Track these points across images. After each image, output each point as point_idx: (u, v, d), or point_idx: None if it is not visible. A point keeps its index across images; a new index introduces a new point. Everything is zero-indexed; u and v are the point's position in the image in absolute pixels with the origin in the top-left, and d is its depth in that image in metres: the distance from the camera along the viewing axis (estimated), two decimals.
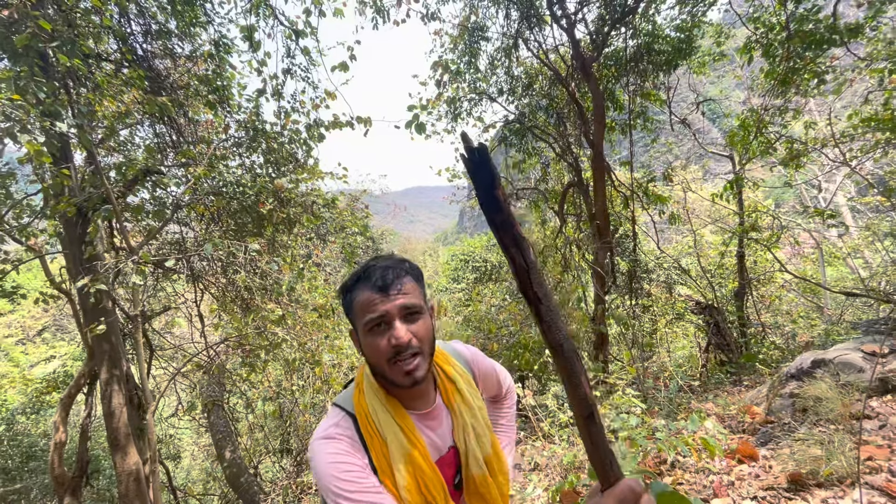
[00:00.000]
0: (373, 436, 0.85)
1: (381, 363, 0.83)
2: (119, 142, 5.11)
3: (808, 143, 5.98)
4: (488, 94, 6.85)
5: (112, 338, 4.35)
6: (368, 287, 0.84)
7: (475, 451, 0.91)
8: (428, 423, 0.91)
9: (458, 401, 0.94)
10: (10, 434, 7.33)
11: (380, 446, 0.85)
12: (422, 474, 0.84)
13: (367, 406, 0.88)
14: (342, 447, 0.82)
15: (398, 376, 0.83)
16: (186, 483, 9.33)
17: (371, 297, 0.83)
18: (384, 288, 0.83)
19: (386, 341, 0.82)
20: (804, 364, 3.14)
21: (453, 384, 0.96)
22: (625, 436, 2.14)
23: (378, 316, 0.82)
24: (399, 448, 0.84)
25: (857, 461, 1.60)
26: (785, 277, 7.65)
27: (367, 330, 0.83)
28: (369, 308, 0.83)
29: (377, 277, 0.84)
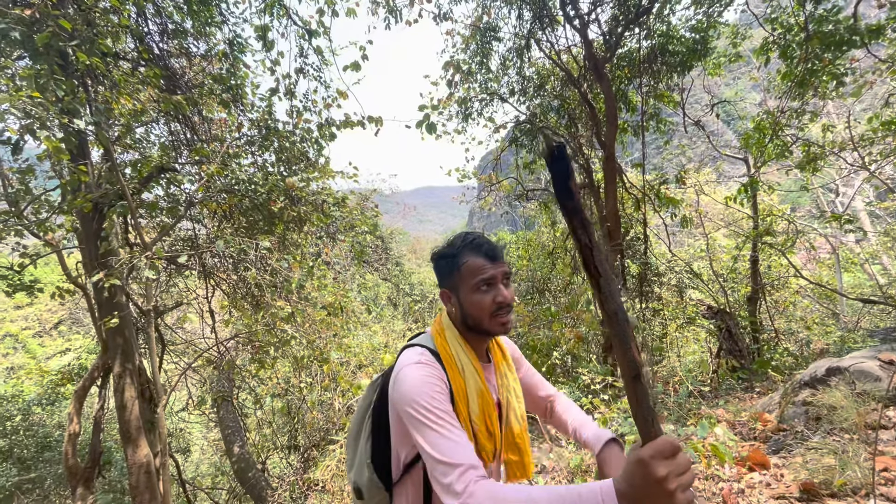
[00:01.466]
0: (454, 370, 1.01)
1: (483, 315, 1.02)
2: (135, 139, 5.19)
3: (825, 147, 5.86)
4: (499, 94, 6.83)
5: (125, 332, 4.42)
6: (480, 254, 1.03)
7: (515, 407, 1.08)
8: (487, 375, 1.09)
9: (503, 365, 1.13)
10: (25, 424, 7.49)
11: (459, 380, 1.01)
12: (487, 408, 1.01)
13: (450, 348, 1.04)
14: (434, 372, 0.97)
15: (496, 327, 1.02)
16: (196, 476, 9.45)
17: (483, 263, 1.02)
18: (493, 257, 1.03)
19: (491, 299, 1.01)
20: (818, 372, 3.08)
21: (502, 351, 1.16)
22: (632, 439, 2.12)
23: (489, 277, 1.01)
24: (475, 384, 1.01)
25: (872, 472, 1.56)
26: (800, 283, 7.51)
27: (476, 288, 1.02)
28: (481, 270, 1.02)
29: (488, 248, 1.04)
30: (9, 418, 7.36)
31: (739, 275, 7.59)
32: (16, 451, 7.18)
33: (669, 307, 7.09)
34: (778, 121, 6.00)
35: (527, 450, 1.09)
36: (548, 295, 8.15)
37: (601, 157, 6.34)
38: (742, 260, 7.38)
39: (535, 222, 9.86)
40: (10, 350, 16.77)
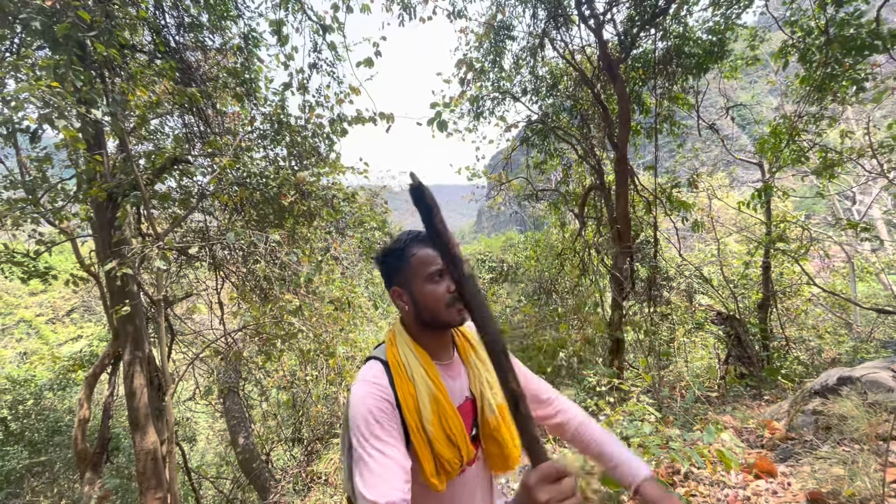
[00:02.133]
0: (402, 378, 0.98)
1: (438, 306, 0.98)
2: (149, 130, 5.26)
3: (843, 153, 5.76)
4: (512, 93, 6.80)
5: (136, 320, 4.48)
6: (428, 246, 0.99)
7: (490, 399, 1.02)
8: (448, 374, 1.04)
9: (474, 356, 1.07)
10: (37, 408, 7.63)
11: (407, 387, 0.97)
12: (444, 412, 0.96)
13: (399, 354, 1.01)
14: (372, 391, 0.94)
15: (453, 316, 0.97)
16: (201, 465, 9.57)
17: (430, 253, 0.99)
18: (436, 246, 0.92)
19: (445, 289, 0.97)
20: (829, 381, 3.03)
21: (469, 342, 1.09)
22: (637, 443, 2.11)
23: (440, 267, 0.98)
24: (426, 389, 0.96)
25: (882, 483, 1.53)
26: (812, 291, 7.39)
27: (430, 279, 0.98)
28: (430, 261, 0.98)
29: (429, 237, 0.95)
30: (21, 402, 7.51)
31: (751, 281, 7.49)
32: (27, 435, 7.33)
33: (678, 312, 7.02)
34: (795, 126, 5.90)
35: (506, 442, 1.02)
36: (555, 296, 8.12)
37: (613, 158, 6.29)
38: (754, 266, 7.28)
39: (544, 223, 9.82)
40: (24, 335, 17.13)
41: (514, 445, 1.03)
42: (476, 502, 1.06)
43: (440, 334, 1.04)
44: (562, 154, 7.47)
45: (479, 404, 1.03)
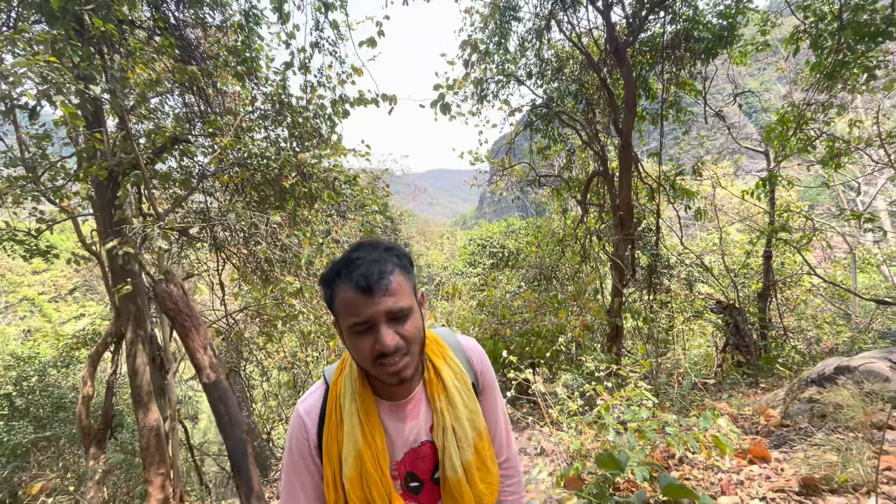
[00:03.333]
0: (332, 418, 0.86)
1: (365, 364, 0.80)
2: (149, 109, 5.20)
3: (851, 142, 5.68)
4: (516, 76, 6.70)
5: (138, 299, 4.51)
6: (351, 286, 0.76)
7: (452, 454, 0.86)
8: (399, 415, 0.88)
9: (442, 399, 0.89)
10: (41, 385, 7.73)
11: (336, 429, 0.85)
12: (366, 474, 0.82)
13: (342, 386, 0.88)
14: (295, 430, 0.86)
15: (385, 377, 0.80)
16: (203, 443, 9.74)
17: (355, 299, 0.76)
18: (368, 289, 0.76)
19: (370, 345, 0.77)
20: (826, 370, 3.05)
21: (441, 381, 0.90)
22: (634, 427, 2.13)
23: (362, 320, 0.76)
24: (352, 443, 0.83)
25: (875, 470, 1.55)
26: (813, 281, 7.39)
27: (350, 331, 0.78)
28: (353, 311, 0.77)
29: (360, 276, 0.76)
30: (26, 378, 7.61)
31: (751, 270, 7.49)
32: (32, 410, 7.44)
33: (678, 300, 7.04)
34: (803, 114, 5.82)
35: (468, 502, 0.87)
36: (555, 283, 8.14)
37: (617, 144, 6.23)
38: (755, 255, 7.27)
39: (546, 209, 9.79)
40: (27, 313, 17.28)
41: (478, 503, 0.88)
42: None
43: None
44: (565, 139, 7.40)
45: (440, 458, 0.87)
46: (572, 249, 7.60)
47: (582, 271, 7.51)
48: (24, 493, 5.74)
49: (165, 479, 4.44)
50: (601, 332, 6.14)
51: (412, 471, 0.89)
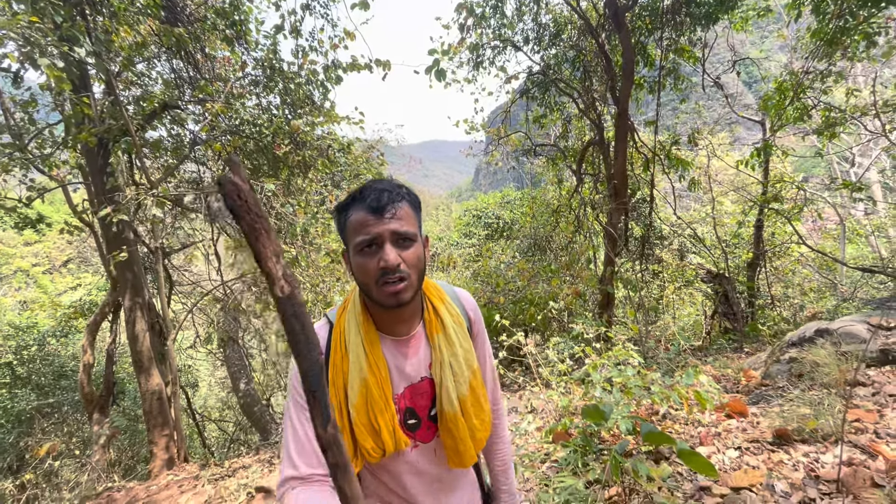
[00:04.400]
0: (338, 352, 0.90)
1: (369, 283, 0.84)
2: (136, 74, 5.07)
3: (847, 112, 5.66)
4: (513, 42, 6.54)
5: (134, 267, 4.53)
6: (363, 208, 0.83)
7: (449, 388, 0.91)
8: (402, 350, 0.93)
9: (441, 337, 0.94)
10: (41, 354, 7.83)
11: (341, 361, 0.89)
12: (372, 400, 0.86)
13: (344, 322, 0.92)
14: None
15: (384, 297, 0.83)
16: (204, 409, 9.97)
17: (365, 218, 0.82)
18: (378, 210, 0.82)
19: (375, 262, 0.82)
20: (807, 332, 3.17)
21: (439, 319, 0.96)
22: (620, 383, 2.23)
23: (370, 238, 0.82)
24: (357, 370, 0.87)
25: (842, 421, 1.65)
26: (802, 251, 7.51)
27: (359, 250, 0.83)
28: (362, 229, 0.82)
29: (372, 198, 0.83)
30: (25, 348, 7.69)
31: (742, 241, 7.58)
32: (34, 378, 7.55)
33: (669, 270, 7.14)
34: (801, 82, 5.77)
35: (463, 437, 0.91)
36: (549, 253, 8.21)
37: (614, 113, 6.17)
38: (747, 226, 7.35)
39: (541, 179, 9.75)
40: (22, 284, 17.25)
41: (473, 441, 0.93)
42: (430, 481, 0.98)
43: (394, 311, 0.90)
44: (562, 108, 7.31)
45: (437, 392, 0.92)
46: (566, 220, 7.64)
47: (575, 241, 7.57)
48: (32, 455, 5.91)
49: (169, 440, 4.59)
50: (593, 300, 6.26)
51: (411, 406, 0.93)
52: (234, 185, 0.55)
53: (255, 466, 4.11)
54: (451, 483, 1.02)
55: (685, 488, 1.85)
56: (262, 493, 3.34)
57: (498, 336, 3.34)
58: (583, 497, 1.64)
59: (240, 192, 0.54)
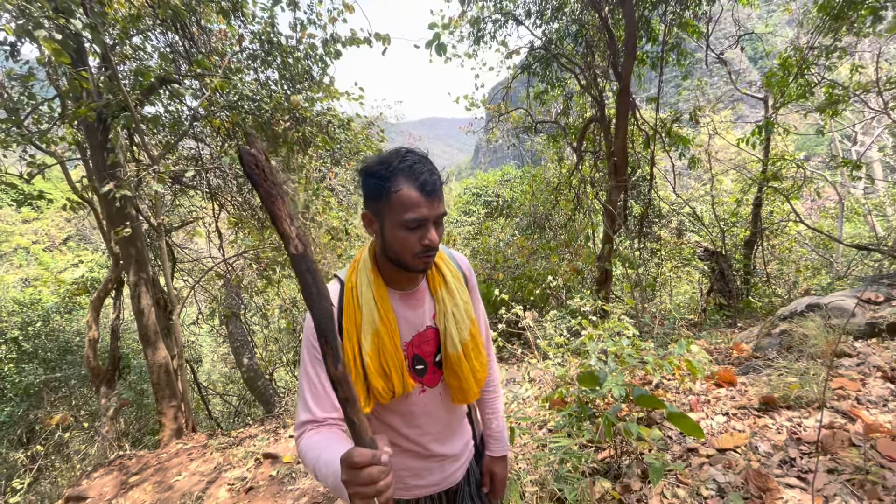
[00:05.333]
0: (351, 305, 0.98)
1: (405, 255, 0.92)
2: (133, 47, 5.00)
3: (850, 89, 5.61)
4: (515, 15, 6.42)
5: (137, 243, 4.57)
6: (416, 187, 0.88)
7: (453, 333, 1.01)
8: (409, 303, 1.03)
9: (442, 289, 1.04)
10: (46, 329, 7.94)
11: (354, 314, 0.98)
12: (383, 347, 0.96)
13: (356, 280, 1.00)
14: None
15: (418, 265, 0.93)
16: (209, 383, 10.17)
17: (418, 199, 0.88)
18: (431, 193, 0.89)
19: (418, 240, 0.90)
20: (798, 307, 3.25)
21: (441, 275, 1.06)
22: (614, 351, 2.31)
23: (421, 218, 0.88)
24: (370, 321, 0.96)
25: (824, 388, 1.74)
26: (799, 229, 7.56)
27: (405, 226, 0.89)
28: (413, 208, 0.88)
29: (425, 180, 0.88)
30: (30, 323, 7.80)
31: (741, 219, 7.62)
32: (40, 354, 7.69)
33: (667, 248, 7.20)
34: (805, 58, 5.69)
35: (465, 376, 1.03)
36: (548, 230, 8.25)
37: (616, 90, 6.11)
38: (745, 204, 7.37)
39: (541, 157, 9.71)
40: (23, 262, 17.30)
41: (474, 380, 1.05)
42: (434, 424, 1.09)
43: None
44: (563, 84, 7.22)
45: (442, 338, 1.03)
46: (566, 198, 7.65)
47: (575, 219, 7.60)
48: (42, 427, 6.08)
49: (177, 411, 4.73)
50: (591, 277, 6.34)
51: (418, 353, 1.03)
52: (252, 155, 0.61)
53: (262, 435, 4.25)
54: (454, 429, 1.15)
55: (674, 450, 1.95)
56: (270, 460, 3.48)
57: (497, 310, 3.42)
58: (576, 456, 1.74)
59: (257, 162, 0.61)
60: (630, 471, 1.83)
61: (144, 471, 4.09)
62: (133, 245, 4.54)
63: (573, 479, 1.69)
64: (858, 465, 1.58)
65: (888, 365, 2.31)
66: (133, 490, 3.74)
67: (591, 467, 1.83)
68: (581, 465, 1.75)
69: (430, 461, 1.11)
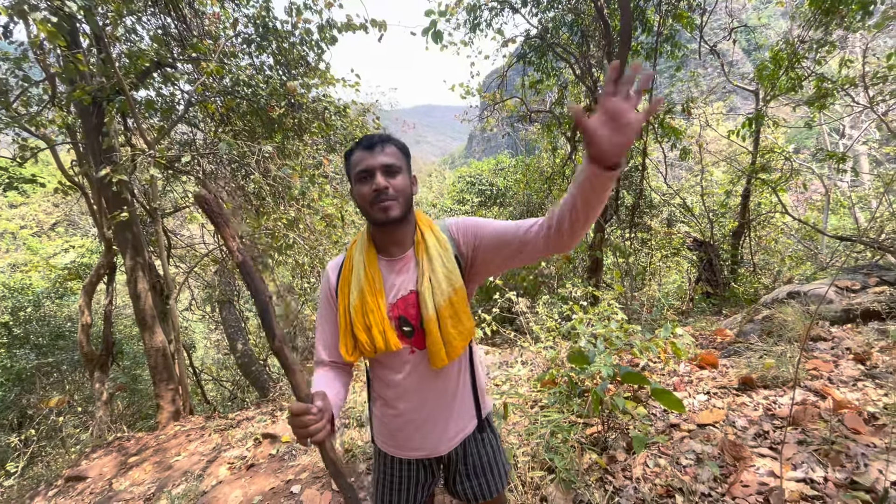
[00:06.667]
0: (347, 267, 1.17)
1: (365, 205, 1.08)
2: (127, 29, 4.93)
3: (838, 83, 5.72)
4: (511, 3, 6.42)
5: (133, 227, 4.58)
6: (361, 148, 1.08)
7: (426, 297, 1.09)
8: (395, 268, 1.14)
9: (424, 257, 1.12)
10: (38, 315, 7.90)
11: (348, 276, 1.16)
12: (365, 304, 1.10)
13: (354, 249, 1.18)
14: (324, 277, 1.23)
15: (377, 212, 1.06)
16: (202, 369, 10.21)
17: (361, 155, 1.07)
18: (370, 147, 1.07)
19: (368, 188, 1.06)
20: (780, 295, 3.38)
21: (424, 242, 1.14)
22: (603, 334, 2.42)
23: (364, 169, 1.06)
24: (356, 281, 1.12)
25: (796, 368, 1.85)
26: (786, 221, 7.73)
27: (357, 180, 1.08)
28: (359, 163, 1.07)
29: (366, 141, 1.09)
30: (21, 308, 7.75)
31: (730, 210, 7.77)
32: (32, 339, 7.66)
33: (657, 238, 7.34)
34: (796, 51, 5.78)
35: (437, 338, 1.09)
36: None
37: None
38: (735, 195, 7.51)
39: (535, 147, 9.75)
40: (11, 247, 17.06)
41: (448, 342, 1.09)
42: (427, 389, 1.16)
43: (388, 231, 1.12)
44: (559, 74, 7.25)
45: (420, 300, 1.10)
46: (560, 187, 7.73)
47: None
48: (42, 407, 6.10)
49: (175, 394, 4.79)
50: (582, 266, 6.46)
51: (403, 315, 1.12)
52: (203, 197, 0.93)
53: (259, 417, 4.34)
54: (448, 398, 1.18)
55: (657, 425, 2.06)
56: (269, 439, 3.57)
57: (491, 296, 3.50)
58: (566, 429, 1.85)
59: (209, 202, 0.93)
60: (616, 443, 1.94)
61: (143, 451, 4.17)
62: (129, 230, 4.55)
63: (563, 449, 1.79)
64: (826, 437, 1.70)
65: (860, 348, 2.45)
66: (133, 470, 3.81)
67: (579, 440, 1.94)
68: (570, 437, 1.86)
69: (423, 426, 1.17)
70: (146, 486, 3.43)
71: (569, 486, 1.70)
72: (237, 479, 2.95)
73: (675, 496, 1.59)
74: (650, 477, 1.72)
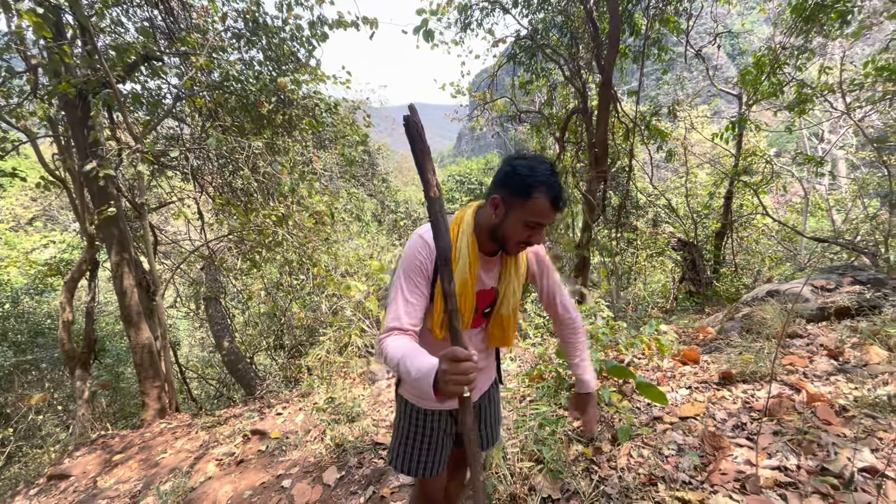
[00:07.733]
0: (454, 248, 1.22)
1: (511, 241, 1.18)
2: (113, 20, 4.85)
3: (817, 89, 5.91)
4: (502, 3, 6.47)
5: (120, 223, 4.52)
6: (550, 201, 1.12)
7: (508, 297, 1.29)
8: (486, 266, 1.29)
9: (513, 267, 1.31)
10: (16, 311, 7.71)
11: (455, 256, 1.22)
12: (465, 291, 1.21)
13: (458, 237, 1.24)
14: (422, 245, 1.20)
15: (513, 251, 1.21)
16: (187, 367, 10.07)
17: (549, 211, 1.12)
18: (558, 206, 1.13)
19: (527, 236, 1.15)
20: (759, 293, 3.49)
21: (516, 258, 1.32)
22: (589, 330, 2.48)
23: (541, 222, 1.14)
24: (462, 272, 1.21)
25: (773, 363, 1.93)
26: (766, 222, 7.94)
27: (526, 224, 1.14)
28: (542, 215, 1.12)
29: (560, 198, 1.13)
30: None
31: (713, 211, 7.95)
32: (10, 336, 7.48)
33: (643, 238, 7.48)
34: (778, 57, 5.95)
35: (506, 329, 1.32)
36: None
37: (599, 82, 6.25)
38: (718, 197, 7.69)
39: (525, 147, 9.84)
40: None
41: (510, 334, 1.33)
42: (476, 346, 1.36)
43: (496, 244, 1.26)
44: (548, 75, 7.33)
45: (498, 300, 1.30)
46: None
47: None
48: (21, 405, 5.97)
49: (161, 391, 4.75)
50: (570, 265, 6.55)
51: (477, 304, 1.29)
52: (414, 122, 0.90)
53: (247, 414, 4.32)
54: (486, 364, 1.43)
55: (641, 419, 2.13)
56: (258, 436, 3.57)
57: None
58: (553, 422, 1.90)
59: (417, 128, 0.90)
60: (602, 436, 2.00)
61: (129, 449, 4.12)
62: (115, 225, 4.49)
63: (551, 441, 1.85)
64: (799, 428, 1.78)
65: (833, 344, 2.55)
66: (118, 468, 3.77)
67: (566, 432, 2.00)
68: (558, 430, 1.92)
69: None
70: (132, 484, 3.40)
71: (556, 475, 1.75)
72: (226, 475, 2.95)
73: (657, 484, 1.66)
74: (634, 466, 1.78)
